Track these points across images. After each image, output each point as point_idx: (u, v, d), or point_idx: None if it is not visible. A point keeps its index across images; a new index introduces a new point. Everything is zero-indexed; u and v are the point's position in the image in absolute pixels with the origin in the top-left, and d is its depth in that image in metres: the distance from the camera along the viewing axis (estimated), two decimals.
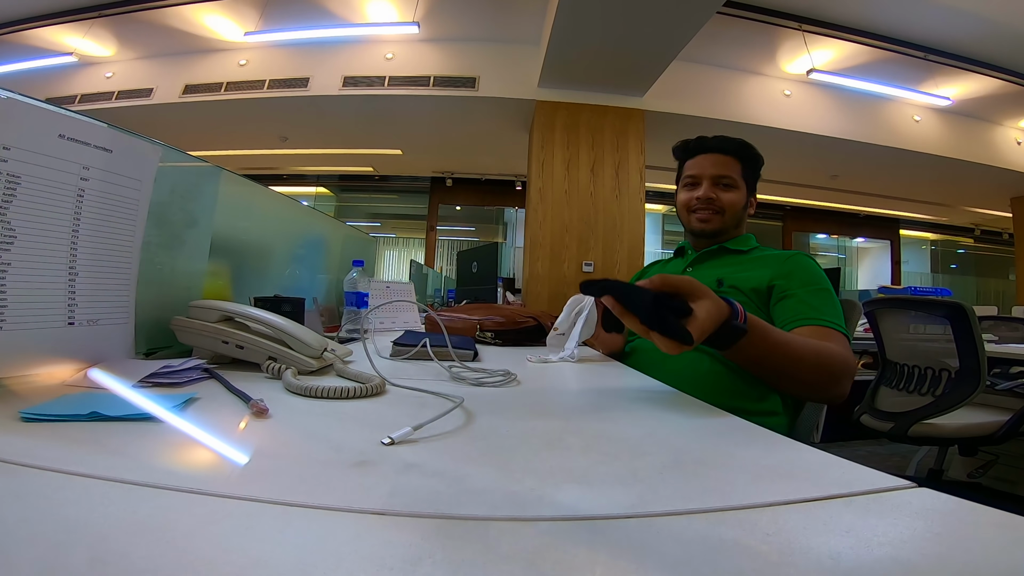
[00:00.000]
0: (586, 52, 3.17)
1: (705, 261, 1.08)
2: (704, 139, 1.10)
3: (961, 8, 3.49)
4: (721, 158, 1.07)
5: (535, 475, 0.32)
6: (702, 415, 0.52)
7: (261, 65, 4.15)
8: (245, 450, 0.35)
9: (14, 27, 4.08)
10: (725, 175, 1.06)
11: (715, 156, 1.08)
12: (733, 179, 1.06)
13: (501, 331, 1.16)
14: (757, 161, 1.09)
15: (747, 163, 1.08)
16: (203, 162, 0.82)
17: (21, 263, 0.46)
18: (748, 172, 1.08)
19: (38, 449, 0.31)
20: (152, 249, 0.63)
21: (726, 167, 1.06)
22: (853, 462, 0.35)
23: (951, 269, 7.94)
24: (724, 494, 0.29)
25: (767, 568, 0.21)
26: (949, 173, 4.90)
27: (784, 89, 4.24)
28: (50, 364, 0.50)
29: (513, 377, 0.66)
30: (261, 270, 1.07)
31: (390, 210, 7.16)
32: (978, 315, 1.51)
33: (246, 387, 0.50)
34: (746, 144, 1.09)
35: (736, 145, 1.08)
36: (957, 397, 1.49)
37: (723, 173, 1.06)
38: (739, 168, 1.07)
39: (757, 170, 1.09)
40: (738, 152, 1.08)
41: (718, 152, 1.08)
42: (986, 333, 2.05)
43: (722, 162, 1.07)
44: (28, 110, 0.47)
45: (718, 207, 1.05)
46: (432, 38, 3.98)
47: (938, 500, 0.29)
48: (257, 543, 0.22)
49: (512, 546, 0.22)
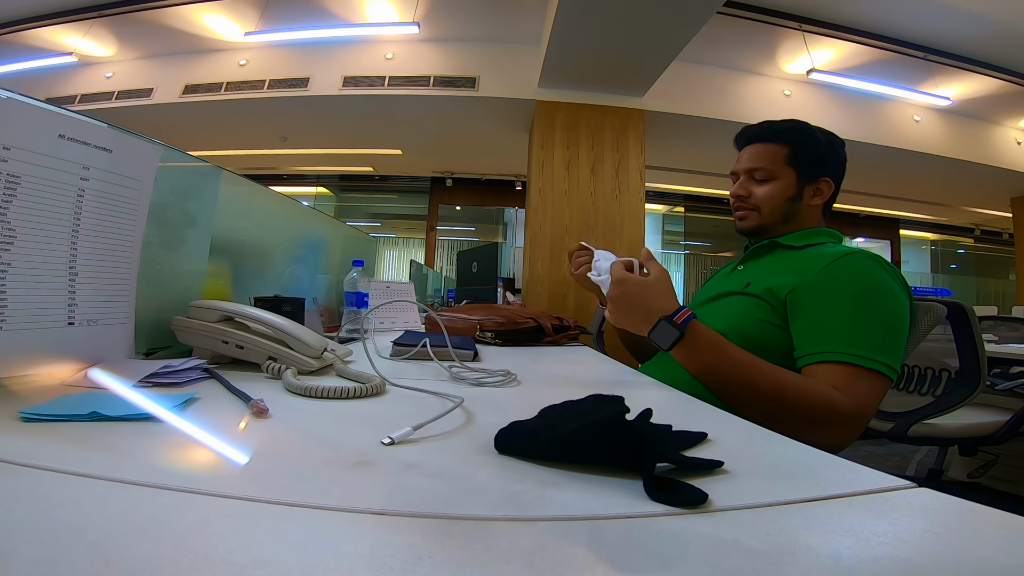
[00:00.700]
0: (586, 52, 3.17)
1: (753, 259, 0.97)
2: (748, 128, 1.00)
3: (961, 8, 3.49)
4: (758, 148, 0.96)
5: (535, 475, 0.32)
6: (702, 415, 0.52)
7: (261, 65, 4.15)
8: (245, 450, 0.35)
9: (14, 27, 4.07)
10: (758, 167, 0.95)
11: (753, 147, 0.97)
12: (769, 170, 0.94)
13: (501, 331, 1.16)
14: (815, 141, 0.95)
15: (799, 146, 0.94)
16: (203, 162, 0.82)
17: (21, 263, 0.46)
18: (799, 156, 0.94)
19: (38, 449, 0.31)
20: (152, 249, 0.63)
21: (761, 157, 0.95)
22: (853, 462, 0.35)
23: (951, 269, 7.93)
24: (724, 494, 0.29)
25: (767, 568, 0.21)
26: (949, 173, 4.89)
27: (784, 89, 4.23)
28: (50, 364, 0.50)
29: (513, 377, 0.66)
30: (261, 270, 1.07)
31: (390, 210, 7.16)
32: (978, 315, 1.51)
33: (246, 387, 0.50)
34: (795, 125, 0.96)
35: (775, 129, 0.96)
36: (957, 397, 1.49)
37: (756, 165, 0.95)
38: (783, 154, 0.94)
39: (818, 151, 0.95)
40: (779, 136, 0.95)
41: (756, 141, 0.97)
42: (986, 333, 2.05)
43: (757, 153, 0.96)
44: (28, 110, 0.47)
45: (752, 204, 0.96)
46: (432, 38, 3.98)
47: (938, 500, 0.29)
48: (257, 543, 0.22)
49: (512, 546, 0.22)
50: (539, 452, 0.34)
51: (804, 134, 0.96)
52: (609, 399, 0.38)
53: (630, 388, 0.71)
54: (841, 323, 0.73)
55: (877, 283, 0.76)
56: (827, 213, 0.99)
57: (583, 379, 0.78)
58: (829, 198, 0.96)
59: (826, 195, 0.95)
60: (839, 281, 0.76)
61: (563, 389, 0.68)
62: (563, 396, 0.43)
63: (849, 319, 0.73)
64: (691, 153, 4.71)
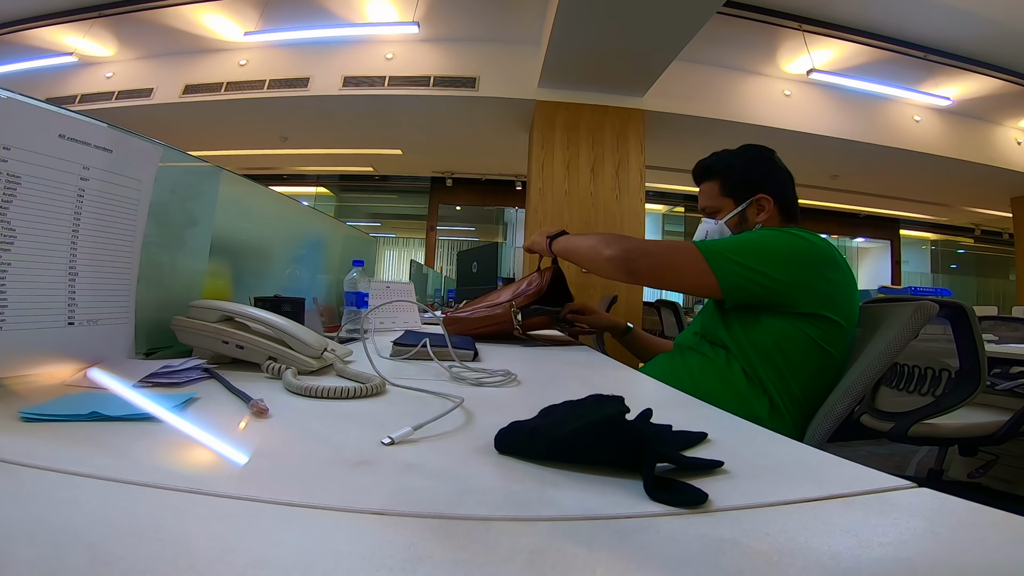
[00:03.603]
0: (586, 52, 3.17)
1: None
2: (694, 170, 1.10)
3: (961, 8, 3.49)
4: (703, 187, 1.09)
5: (535, 475, 0.32)
6: (702, 415, 0.52)
7: (261, 65, 4.15)
8: (245, 450, 0.35)
9: (14, 27, 4.08)
10: (706, 205, 1.07)
11: (701, 187, 1.09)
12: (712, 206, 1.06)
13: (536, 301, 1.15)
14: (740, 168, 1.03)
15: (725, 178, 1.03)
16: (203, 162, 0.82)
17: (21, 263, 0.46)
18: (730, 185, 1.03)
19: (38, 449, 0.31)
20: (152, 249, 0.63)
21: (705, 196, 1.08)
22: (853, 462, 0.35)
23: (951, 269, 7.93)
24: (724, 494, 0.29)
25: (767, 568, 0.21)
26: (949, 173, 4.89)
27: (784, 89, 4.24)
28: (50, 364, 0.50)
29: (513, 377, 0.66)
30: (261, 270, 1.07)
31: (390, 210, 7.16)
32: (978, 315, 1.51)
33: (246, 387, 0.50)
34: (718, 158, 1.06)
35: (704, 169, 1.07)
36: (957, 397, 1.49)
37: (704, 204, 1.08)
38: (716, 189, 1.04)
39: (745, 175, 1.02)
40: (708, 174, 1.06)
41: (699, 182, 1.09)
42: (986, 333, 2.05)
43: (702, 192, 1.09)
44: (28, 110, 0.47)
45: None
46: (432, 38, 3.98)
47: (938, 500, 0.29)
48: (257, 543, 0.22)
49: (512, 546, 0.22)
50: (539, 452, 0.34)
51: (726, 163, 1.04)
52: (609, 399, 0.38)
53: (630, 388, 0.71)
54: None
55: (751, 237, 0.94)
56: (792, 218, 1.03)
57: (583, 379, 0.78)
58: (777, 210, 1.01)
59: (769, 209, 1.01)
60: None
61: (563, 389, 0.68)
62: (563, 396, 0.43)
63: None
64: (691, 153, 4.66)
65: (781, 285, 0.86)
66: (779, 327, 0.88)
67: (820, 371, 0.87)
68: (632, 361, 1.21)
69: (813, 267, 0.88)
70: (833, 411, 0.81)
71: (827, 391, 0.86)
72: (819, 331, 0.86)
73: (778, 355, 0.87)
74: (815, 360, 0.87)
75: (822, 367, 0.87)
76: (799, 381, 0.87)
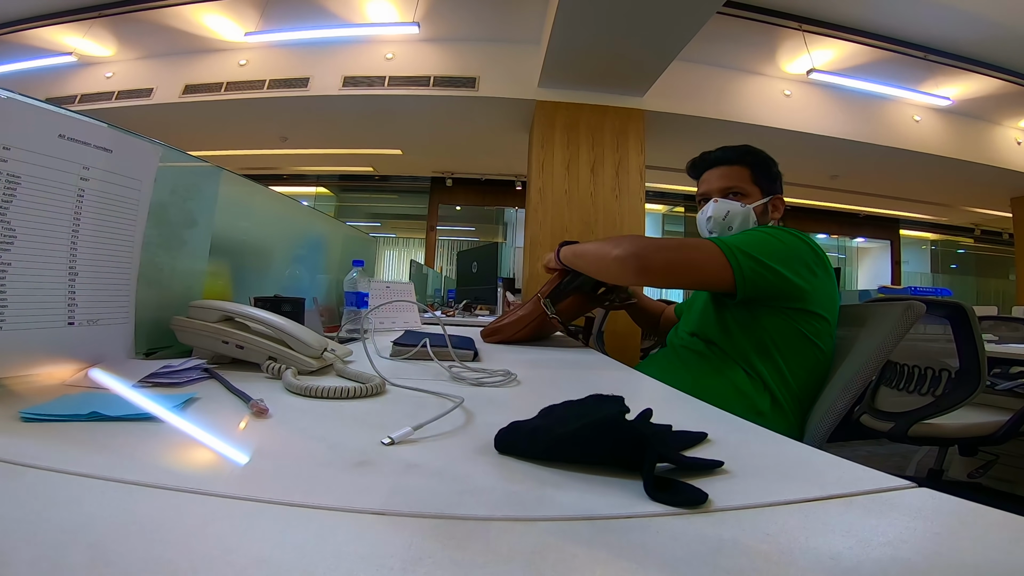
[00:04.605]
0: (586, 52, 3.16)
1: None
2: (708, 154, 1.09)
3: (961, 8, 3.49)
4: (726, 170, 1.06)
5: (535, 475, 0.32)
6: (702, 415, 0.52)
7: (261, 65, 4.14)
8: (245, 450, 0.35)
9: (14, 27, 4.07)
10: (732, 186, 1.04)
11: (720, 169, 1.07)
12: (742, 188, 1.04)
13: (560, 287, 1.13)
14: (767, 163, 1.06)
15: (757, 168, 1.05)
16: (203, 162, 0.82)
17: (21, 263, 0.46)
18: (760, 176, 1.05)
19: (38, 449, 0.31)
20: (152, 249, 0.63)
21: (732, 177, 1.05)
22: (853, 462, 0.35)
23: (951, 269, 7.93)
24: (724, 494, 0.29)
25: (767, 568, 0.21)
26: (949, 173, 4.89)
27: (784, 89, 4.23)
28: (50, 364, 0.50)
29: (513, 377, 0.66)
30: (261, 270, 1.07)
31: (390, 210, 7.16)
32: (978, 315, 1.51)
33: (246, 387, 0.50)
34: (750, 149, 1.07)
35: (739, 152, 1.06)
36: (957, 397, 1.49)
37: (729, 185, 1.04)
38: (748, 175, 1.04)
39: (770, 171, 1.06)
40: (742, 159, 1.05)
41: (723, 164, 1.07)
42: (986, 333, 2.05)
43: (727, 173, 1.06)
44: (28, 110, 0.47)
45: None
46: (432, 38, 3.98)
47: (938, 500, 0.29)
48: (257, 543, 0.22)
49: (512, 546, 0.22)
50: (539, 452, 0.34)
51: (758, 156, 1.06)
52: (609, 399, 0.38)
53: (630, 388, 0.71)
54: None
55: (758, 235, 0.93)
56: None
57: (583, 379, 0.78)
58: (783, 215, 1.08)
59: (781, 210, 1.07)
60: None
61: (563, 389, 0.68)
62: (563, 396, 0.43)
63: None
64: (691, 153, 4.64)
65: (788, 282, 0.88)
66: (775, 323, 0.90)
67: (813, 365, 0.91)
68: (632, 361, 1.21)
69: (811, 266, 0.91)
70: (834, 408, 0.83)
71: (820, 386, 0.91)
72: (810, 327, 0.90)
73: (775, 350, 0.90)
74: (808, 355, 0.91)
75: (814, 361, 0.91)
76: (795, 375, 0.90)
